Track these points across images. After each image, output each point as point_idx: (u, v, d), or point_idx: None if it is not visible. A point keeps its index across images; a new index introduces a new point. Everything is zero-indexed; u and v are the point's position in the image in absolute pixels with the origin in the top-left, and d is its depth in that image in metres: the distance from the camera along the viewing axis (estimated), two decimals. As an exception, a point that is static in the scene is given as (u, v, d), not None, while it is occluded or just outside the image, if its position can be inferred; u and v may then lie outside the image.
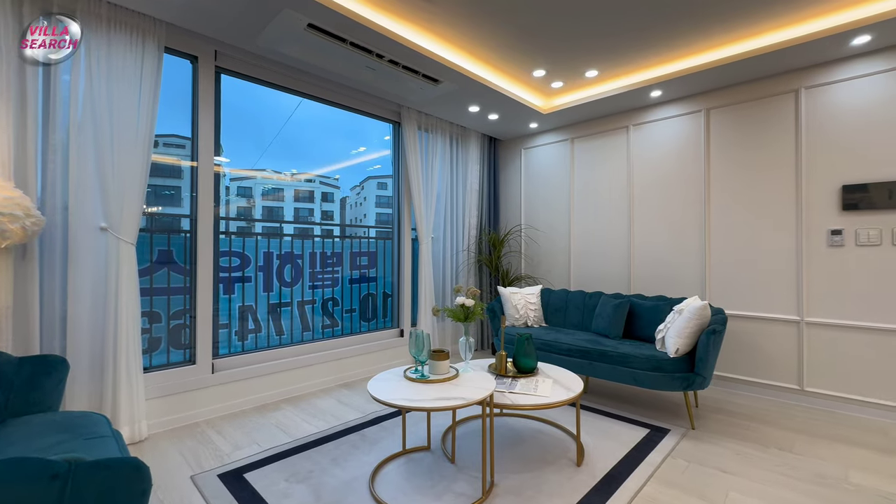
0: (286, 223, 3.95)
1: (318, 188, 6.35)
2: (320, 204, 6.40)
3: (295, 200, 5.50)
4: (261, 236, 3.32)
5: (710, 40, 2.83)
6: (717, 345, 2.52)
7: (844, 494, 1.83)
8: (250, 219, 3.93)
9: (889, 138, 2.64)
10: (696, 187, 3.40)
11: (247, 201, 4.17)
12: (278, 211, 4.95)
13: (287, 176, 4.54)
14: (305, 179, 6.18)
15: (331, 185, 6.31)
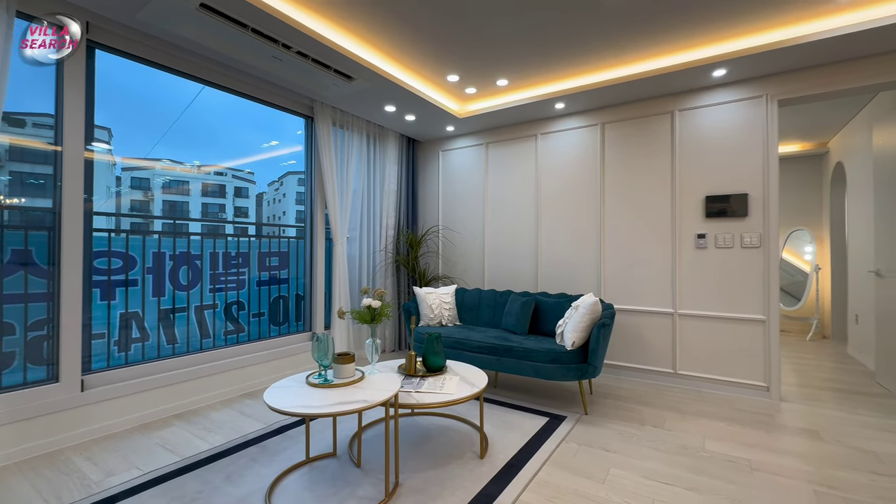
0: (191, 220, 3.59)
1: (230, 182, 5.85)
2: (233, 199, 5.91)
3: (203, 195, 5.02)
4: (161, 235, 2.98)
5: (603, 61, 3.12)
6: (607, 337, 2.79)
7: (700, 461, 2.14)
8: (147, 215, 3.50)
9: (738, 158, 3.14)
10: (593, 194, 3.73)
11: (143, 194, 3.72)
12: (183, 206, 4.50)
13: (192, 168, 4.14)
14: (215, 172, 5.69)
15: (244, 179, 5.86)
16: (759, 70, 2.97)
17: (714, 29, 2.68)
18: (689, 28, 2.67)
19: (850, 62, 2.81)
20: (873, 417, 2.69)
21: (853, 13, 2.47)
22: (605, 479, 1.96)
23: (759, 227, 3.06)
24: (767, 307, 3.02)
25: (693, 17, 2.55)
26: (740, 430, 2.50)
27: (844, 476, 1.99)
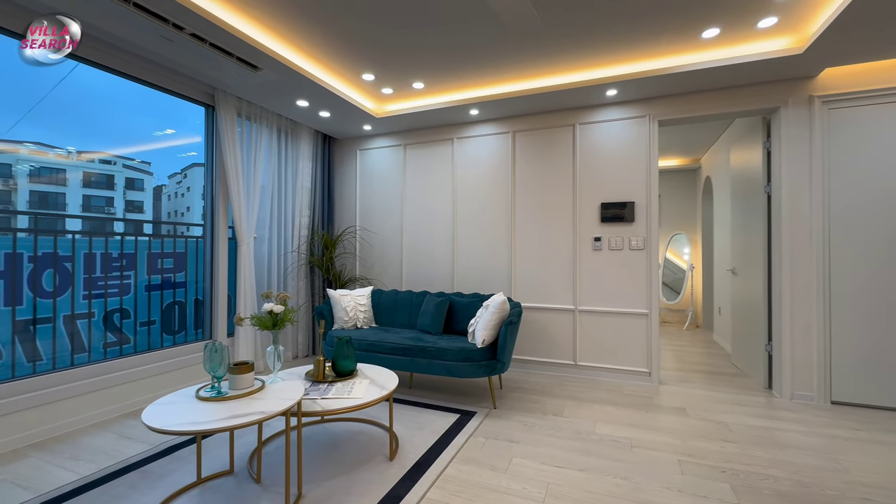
0: (68, 216, 3.10)
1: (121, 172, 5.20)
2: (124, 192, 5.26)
3: (85, 186, 4.37)
4: (20, 232, 2.52)
5: (510, 74, 3.30)
6: (514, 334, 2.96)
7: (591, 444, 2.36)
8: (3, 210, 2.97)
9: (627, 169, 3.52)
10: (505, 198, 3.93)
11: (2, 183, 3.15)
12: (57, 198, 3.86)
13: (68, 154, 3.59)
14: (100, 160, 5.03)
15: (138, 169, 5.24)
16: (642, 93, 3.36)
17: (603, 53, 2.97)
18: (581, 51, 2.92)
19: (713, 92, 3.29)
20: (728, 394, 3.18)
21: (714, 50, 2.90)
22: (507, 469, 2.08)
23: (644, 232, 3.46)
24: (649, 302, 3.42)
25: (581, 42, 2.80)
26: (625, 412, 2.81)
27: (702, 445, 2.33)
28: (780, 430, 2.53)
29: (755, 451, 2.25)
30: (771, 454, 2.23)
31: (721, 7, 2.41)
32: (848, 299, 2.92)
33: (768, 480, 1.98)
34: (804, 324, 3.02)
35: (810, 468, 2.09)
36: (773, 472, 2.05)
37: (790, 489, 1.90)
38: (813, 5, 2.40)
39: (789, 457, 2.20)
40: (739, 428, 2.56)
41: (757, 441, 2.38)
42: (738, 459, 2.17)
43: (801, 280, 3.03)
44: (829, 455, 2.22)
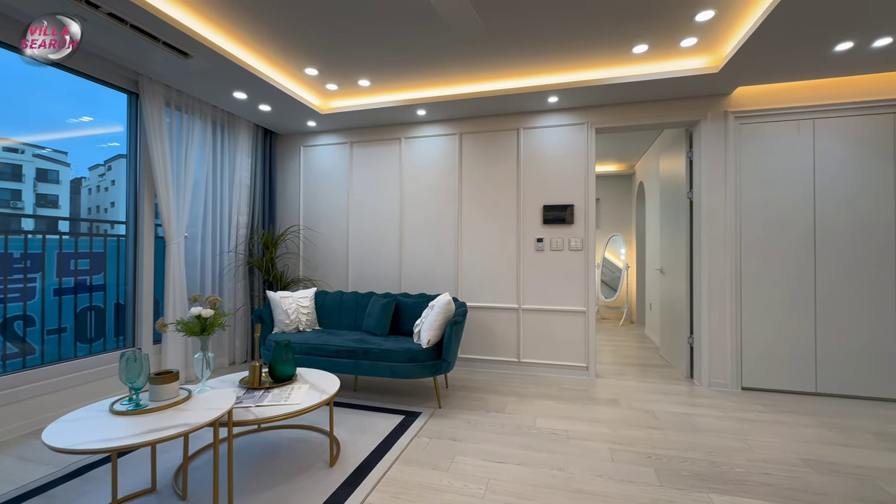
0: None
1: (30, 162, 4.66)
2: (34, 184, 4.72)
3: None
4: None
5: (456, 76, 3.34)
6: (459, 333, 3.00)
7: (530, 438, 2.44)
8: None
9: (567, 174, 3.68)
10: (452, 199, 3.97)
11: None
12: None
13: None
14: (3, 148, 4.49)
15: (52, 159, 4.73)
16: (581, 101, 3.54)
17: (544, 61, 3.09)
18: (523, 58, 3.02)
19: (644, 103, 3.53)
20: (655, 384, 3.43)
21: (644, 65, 3.11)
22: (449, 468, 2.10)
23: (582, 233, 3.64)
24: (587, 300, 3.61)
25: (522, 50, 2.89)
26: (564, 406, 2.94)
27: (631, 433, 2.49)
28: (699, 415, 2.77)
29: (676, 437, 2.45)
30: (690, 438, 2.43)
31: (648, 25, 2.59)
32: (756, 295, 3.25)
33: (686, 463, 2.15)
34: (720, 318, 3.33)
35: (722, 449, 2.30)
36: (691, 455, 2.23)
37: (704, 469, 2.09)
38: (726, 31, 2.65)
39: (705, 440, 2.41)
40: (664, 415, 2.77)
41: (678, 427, 2.59)
42: (662, 445, 2.35)
43: (717, 278, 3.34)
44: (737, 436, 2.46)
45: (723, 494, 1.87)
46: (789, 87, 3.21)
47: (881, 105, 3.03)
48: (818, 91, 3.14)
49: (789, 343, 3.18)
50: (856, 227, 3.07)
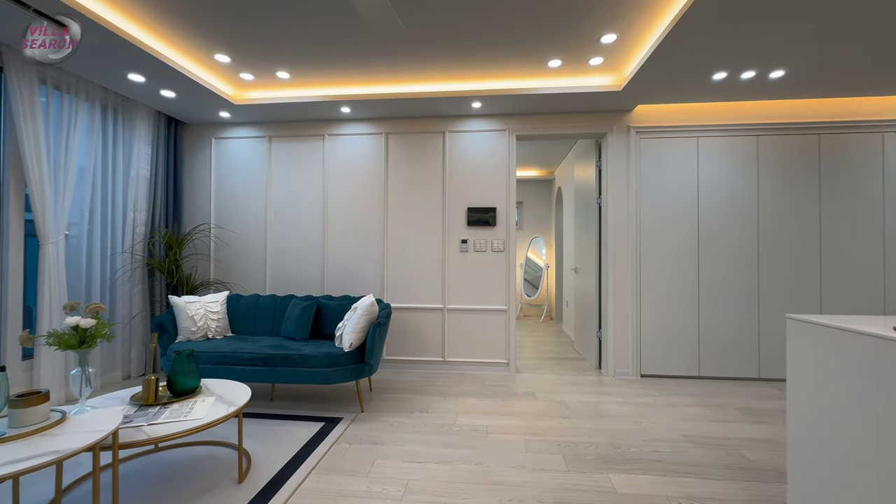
0: None
1: None
2: None
3: None
4: None
5: (382, 76, 3.30)
6: (383, 335, 2.97)
7: (451, 436, 2.50)
8: None
9: (490, 178, 3.82)
10: (378, 199, 3.92)
11: None
12: None
13: None
14: None
15: None
16: (503, 108, 3.69)
17: (468, 68, 3.17)
18: (447, 62, 3.08)
19: (559, 114, 3.78)
20: (569, 376, 3.69)
21: (559, 79, 3.33)
22: (369, 472, 2.07)
23: (504, 235, 3.80)
24: (508, 299, 3.78)
25: (446, 55, 2.95)
26: (484, 402, 3.05)
27: (544, 424, 2.66)
28: (604, 402, 3.03)
29: (584, 424, 2.66)
30: (595, 424, 2.65)
31: (560, 42, 2.77)
32: (652, 292, 3.64)
33: (591, 447, 2.35)
34: (623, 312, 3.67)
35: (622, 432, 2.54)
36: (596, 440, 2.44)
37: (606, 452, 2.29)
38: (627, 54, 2.93)
39: (608, 425, 2.65)
40: (574, 405, 2.99)
41: (586, 415, 2.81)
42: (571, 433, 2.53)
43: (621, 277, 3.68)
44: (635, 419, 2.73)
45: (620, 473, 2.07)
46: (680, 107, 3.63)
47: (748, 128, 3.55)
48: (702, 113, 3.60)
49: (678, 334, 3.61)
50: (729, 234, 3.57)
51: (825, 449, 1.32)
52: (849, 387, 1.24)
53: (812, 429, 1.37)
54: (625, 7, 2.40)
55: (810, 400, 1.38)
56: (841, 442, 1.26)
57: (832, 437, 1.29)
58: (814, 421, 1.36)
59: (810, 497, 1.38)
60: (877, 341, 1.16)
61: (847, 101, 3.47)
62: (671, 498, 1.87)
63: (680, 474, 2.07)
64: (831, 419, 1.30)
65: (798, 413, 1.43)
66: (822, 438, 1.33)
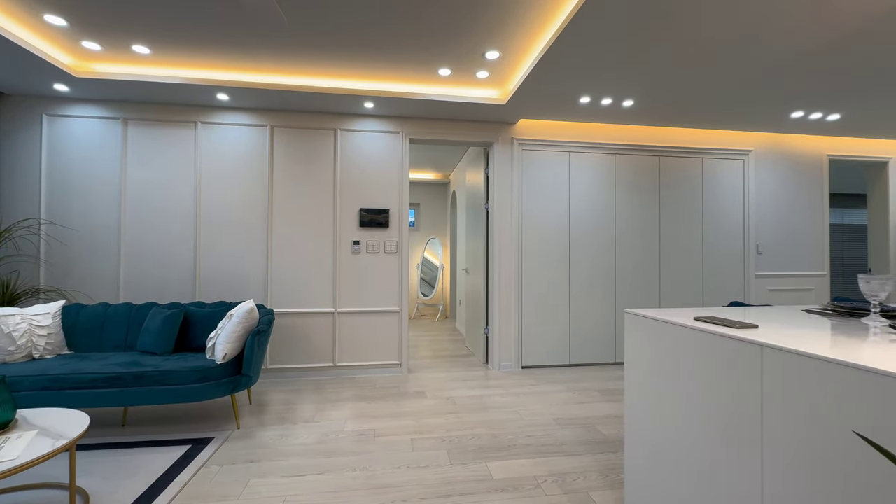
0: None
1: None
2: None
3: None
4: None
5: (266, 64, 3.07)
6: (263, 344, 2.76)
7: (337, 443, 2.43)
8: None
9: (384, 179, 3.81)
10: (262, 197, 3.63)
11: None
12: None
13: None
14: None
15: None
16: (396, 111, 3.71)
17: (359, 67, 3.12)
18: (338, 59, 3.00)
19: (451, 121, 3.92)
20: (459, 372, 3.86)
21: (450, 87, 3.45)
22: (241, 495, 1.91)
23: (397, 237, 3.82)
24: (401, 300, 3.81)
25: (336, 50, 2.88)
26: (375, 405, 3.03)
27: (432, 421, 2.74)
28: (488, 396, 3.24)
29: (469, 417, 2.80)
30: (478, 417, 2.82)
31: (448, 52, 2.89)
32: (532, 291, 3.99)
33: (474, 439, 2.49)
34: (507, 310, 3.96)
35: (501, 422, 2.74)
36: (478, 432, 2.59)
37: (486, 442, 2.45)
38: (510, 71, 3.17)
39: (490, 416, 2.83)
40: (462, 400, 3.14)
41: (471, 408, 2.97)
42: (456, 427, 2.65)
43: (505, 277, 3.97)
44: (513, 409, 2.97)
45: (497, 461, 2.23)
46: (556, 124, 4.05)
47: (608, 147, 4.11)
48: (574, 131, 4.06)
49: (553, 328, 4.02)
50: (594, 239, 4.09)
51: (650, 415, 1.59)
52: (666, 364, 1.51)
53: (641, 401, 1.64)
54: (505, 28, 2.59)
55: (640, 378, 1.65)
56: (661, 407, 1.53)
57: (656, 405, 1.56)
58: (643, 394, 1.63)
59: (640, 457, 1.65)
60: (681, 329, 1.44)
61: (678, 131, 4.23)
62: (539, 477, 2.07)
63: (548, 454, 2.31)
64: (655, 391, 1.57)
65: (632, 389, 1.70)
66: (648, 406, 1.60)
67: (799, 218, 4.44)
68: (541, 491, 1.96)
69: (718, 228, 4.30)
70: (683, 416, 1.41)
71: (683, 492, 1.41)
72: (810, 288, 4.43)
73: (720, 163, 4.31)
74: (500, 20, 2.49)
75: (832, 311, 1.70)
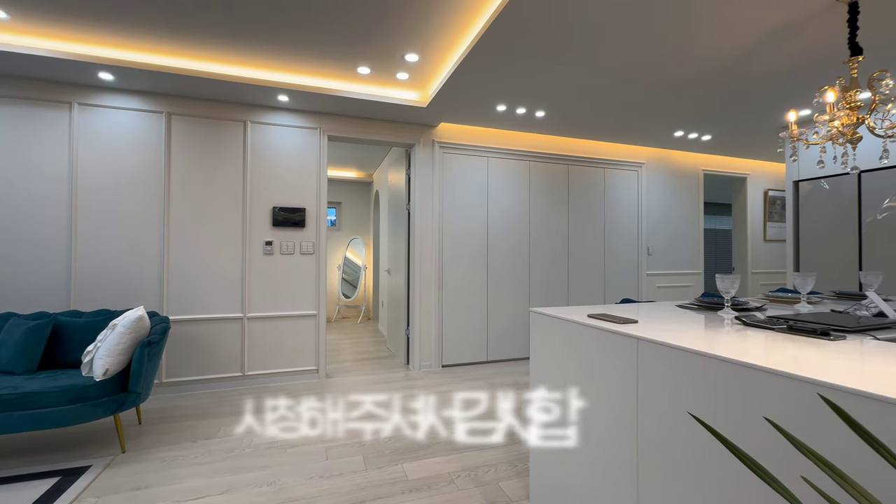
0: None
1: None
2: None
3: None
4: None
5: (164, 43, 2.77)
6: (156, 355, 2.48)
7: (243, 459, 2.27)
8: None
9: (300, 176, 3.64)
10: (156, 189, 3.26)
11: None
12: None
13: None
14: None
15: None
16: (313, 106, 3.56)
17: (273, 57, 2.94)
18: (251, 47, 2.80)
19: (372, 121, 3.86)
20: (379, 374, 3.82)
21: (371, 86, 3.40)
22: (123, 527, 1.70)
23: (314, 237, 3.67)
24: (318, 303, 3.67)
25: (250, 39, 2.69)
26: (288, 414, 2.88)
27: (349, 427, 2.68)
28: (408, 396, 3.25)
29: (388, 420, 2.79)
30: (398, 418, 2.81)
31: (367, 50, 2.84)
32: (452, 291, 4.09)
33: (391, 441, 2.48)
34: (428, 310, 4.01)
35: (420, 422, 2.77)
36: (396, 434, 2.59)
37: (403, 444, 2.46)
38: (430, 75, 3.21)
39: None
40: (382, 402, 3.11)
41: (391, 410, 2.95)
42: (374, 431, 2.62)
43: (426, 278, 4.01)
44: (432, 408, 3.01)
45: (413, 461, 2.25)
46: (476, 129, 4.18)
47: (524, 154, 4.35)
48: (492, 137, 4.23)
49: (472, 326, 4.16)
50: (510, 240, 4.31)
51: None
52: (565, 357, 1.65)
53: (544, 392, 1.77)
54: (425, 33, 2.61)
55: (543, 370, 1.78)
56: (561, 394, 1.67)
57: (557, 395, 1.69)
58: (546, 386, 1.76)
59: (542, 443, 1.77)
60: (577, 325, 1.58)
61: (585, 143, 4.62)
62: (453, 473, 2.13)
63: (462, 450, 2.38)
64: (556, 382, 1.70)
65: (536, 380, 1.83)
66: (550, 396, 1.73)
67: (681, 223, 5.10)
68: (454, 487, 2.01)
69: (617, 232, 4.77)
70: (580, 403, 1.55)
71: (579, 470, 1.55)
72: (689, 284, 5.12)
73: (618, 173, 4.79)
74: (419, 24, 2.52)
75: (698, 305, 1.98)
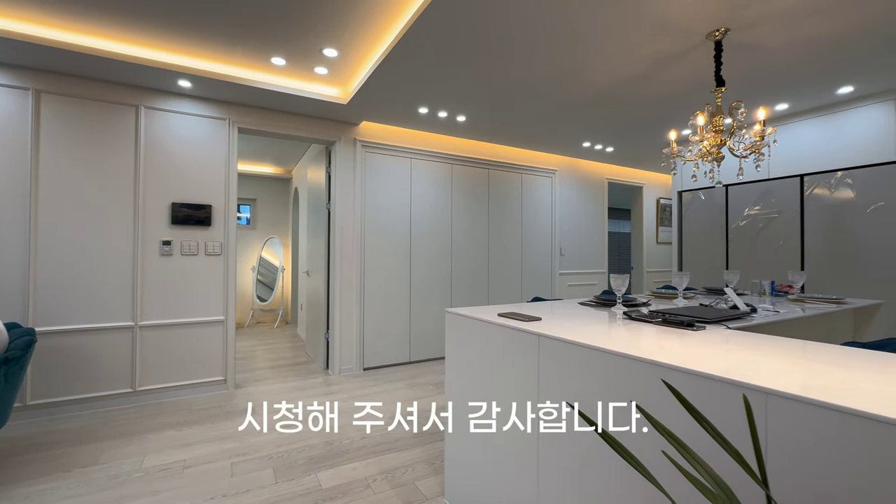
0: None
1: None
2: None
3: None
4: None
5: (25, 8, 2.36)
6: (16, 374, 2.11)
7: (129, 485, 2.02)
8: None
9: (205, 171, 3.34)
10: (21, 179, 2.78)
11: None
12: None
13: None
14: None
15: None
16: (221, 95, 3.29)
17: (171, 37, 2.67)
18: (144, 23, 2.51)
19: (289, 115, 3.67)
20: (296, 381, 3.64)
21: (286, 78, 3.22)
22: (-35, 582, 1.42)
23: (221, 237, 3.39)
24: (226, 308, 3.39)
25: (142, 12, 2.41)
26: (187, 431, 2.63)
27: (259, 440, 2.51)
28: (326, 402, 3.14)
29: (303, 429, 2.67)
30: (313, 426, 2.70)
31: (282, 42, 2.69)
32: (374, 292, 4.03)
33: (305, 451, 2.38)
34: (349, 312, 3.91)
35: (338, 428, 2.69)
36: (312, 442, 2.49)
37: (318, 452, 2.37)
38: (351, 72, 3.13)
39: (326, 423, 2.75)
40: (296, 411, 2.96)
41: (306, 418, 2.83)
42: (287, 441, 2.49)
43: (347, 279, 3.91)
44: (352, 412, 2.94)
45: (328, 469, 2.18)
46: (399, 130, 4.17)
47: (446, 157, 4.43)
48: (415, 139, 4.25)
49: (394, 327, 4.14)
50: (433, 242, 4.36)
51: (465, 400, 1.77)
52: (477, 355, 1.71)
53: (458, 389, 1.82)
54: (345, 29, 2.55)
55: (456, 368, 1.83)
56: (473, 392, 1.73)
57: (470, 391, 1.75)
58: (459, 381, 1.81)
59: (456, 439, 1.82)
60: (487, 324, 1.65)
61: (504, 148, 4.84)
62: (370, 477, 2.11)
63: (381, 453, 2.36)
64: (470, 378, 1.76)
65: (451, 377, 1.87)
66: (463, 392, 1.78)
67: (588, 227, 5.57)
68: (371, 491, 1.99)
69: (533, 234, 5.07)
70: (490, 397, 1.62)
71: (489, 464, 1.62)
72: (595, 283, 5.61)
73: (535, 178, 5.09)
74: (339, 19, 2.44)
75: (596, 302, 2.17)
